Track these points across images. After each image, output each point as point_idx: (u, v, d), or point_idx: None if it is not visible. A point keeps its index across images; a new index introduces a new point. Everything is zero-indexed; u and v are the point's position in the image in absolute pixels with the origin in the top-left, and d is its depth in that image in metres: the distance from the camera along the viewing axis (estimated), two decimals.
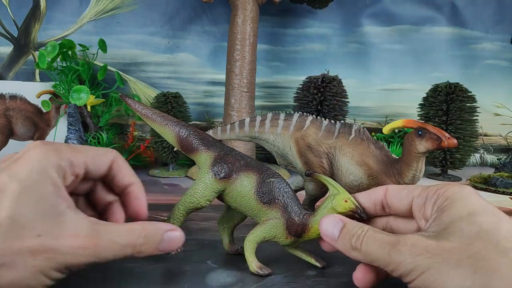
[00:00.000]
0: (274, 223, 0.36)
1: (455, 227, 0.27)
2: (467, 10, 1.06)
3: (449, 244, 0.26)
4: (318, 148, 0.47)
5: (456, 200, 0.29)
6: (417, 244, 0.27)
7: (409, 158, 0.44)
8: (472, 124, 0.84)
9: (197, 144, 0.40)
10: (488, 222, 0.26)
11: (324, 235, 0.33)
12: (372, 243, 0.29)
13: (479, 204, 0.28)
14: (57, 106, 0.89)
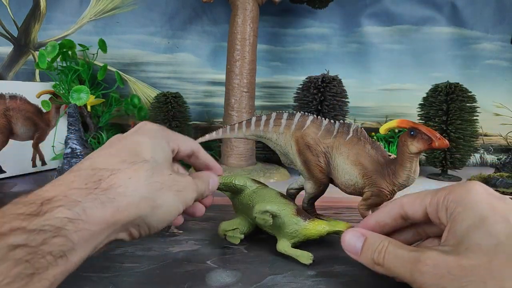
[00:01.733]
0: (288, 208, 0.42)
1: (471, 241, 0.27)
2: (467, 10, 1.06)
3: (469, 262, 0.26)
4: (316, 147, 0.48)
5: (465, 205, 0.29)
6: (438, 264, 0.27)
7: (403, 158, 0.44)
8: (472, 124, 0.84)
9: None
10: (502, 232, 0.26)
11: (347, 250, 0.34)
12: (393, 260, 0.30)
13: (488, 207, 0.28)
14: (57, 106, 0.89)
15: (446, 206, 0.30)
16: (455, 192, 0.30)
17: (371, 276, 0.37)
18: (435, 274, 0.26)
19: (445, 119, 0.84)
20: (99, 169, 0.30)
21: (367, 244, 0.32)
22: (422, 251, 0.29)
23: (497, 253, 0.25)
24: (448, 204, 0.30)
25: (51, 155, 0.88)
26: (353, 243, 0.33)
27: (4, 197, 0.67)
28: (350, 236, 0.34)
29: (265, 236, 0.47)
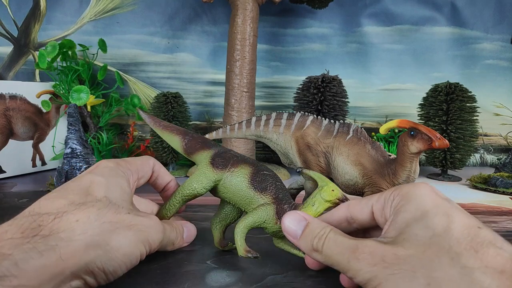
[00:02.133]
0: (264, 208, 0.38)
1: (410, 232, 0.27)
2: (467, 10, 1.06)
3: (404, 252, 0.26)
4: (316, 147, 0.48)
5: (409, 199, 0.29)
6: (375, 252, 0.27)
7: (403, 158, 0.44)
8: (472, 124, 0.84)
9: (198, 146, 0.44)
10: (440, 225, 0.26)
11: (286, 232, 0.32)
12: (333, 247, 0.29)
13: (432, 202, 0.28)
14: (57, 106, 0.89)
15: (391, 201, 0.30)
16: (402, 188, 0.31)
17: None
18: (370, 261, 0.26)
19: (445, 119, 0.84)
20: (40, 214, 0.27)
21: (309, 229, 0.31)
22: (362, 240, 0.28)
23: (431, 245, 0.25)
24: (393, 198, 0.30)
25: (51, 155, 0.88)
26: (294, 226, 0.32)
27: (4, 197, 0.67)
28: (291, 218, 0.32)
29: (265, 236, 0.47)
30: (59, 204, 0.28)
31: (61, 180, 0.68)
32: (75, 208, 0.28)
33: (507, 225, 0.55)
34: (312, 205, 0.37)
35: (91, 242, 0.27)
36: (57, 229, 0.26)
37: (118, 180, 0.34)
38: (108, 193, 0.31)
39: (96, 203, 0.30)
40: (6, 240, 0.24)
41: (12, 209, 0.59)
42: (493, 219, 0.58)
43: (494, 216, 0.60)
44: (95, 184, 0.32)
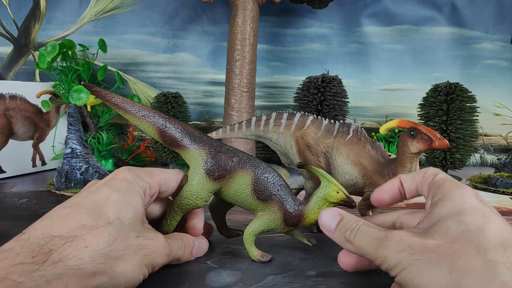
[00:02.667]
0: (272, 218, 0.38)
1: (442, 225, 0.28)
2: (467, 10, 1.06)
3: (432, 242, 0.27)
4: (316, 147, 0.48)
5: (449, 197, 0.30)
6: (403, 240, 0.28)
7: (403, 158, 0.44)
8: (472, 124, 0.84)
9: (181, 138, 0.39)
10: (474, 222, 0.27)
11: (322, 227, 0.35)
12: (363, 237, 0.30)
13: (471, 203, 0.28)
14: (57, 106, 0.89)
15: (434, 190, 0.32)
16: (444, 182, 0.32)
17: (371, 276, 0.37)
18: (396, 248, 0.27)
19: (445, 119, 0.84)
20: (52, 236, 0.27)
21: (342, 223, 0.33)
22: (392, 231, 0.30)
23: (461, 238, 0.26)
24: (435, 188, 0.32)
25: (51, 155, 0.88)
26: (329, 221, 0.34)
27: (4, 197, 0.67)
28: (327, 214, 0.35)
29: (266, 236, 0.47)
30: (71, 225, 0.28)
31: (61, 180, 0.68)
32: (86, 233, 0.28)
33: None
34: (317, 208, 0.38)
35: (97, 270, 0.28)
36: (67, 255, 0.26)
37: (133, 198, 0.33)
38: (121, 214, 0.31)
39: (107, 228, 0.30)
40: (17, 265, 0.25)
41: (12, 209, 0.59)
42: None
43: None
44: (110, 201, 0.31)
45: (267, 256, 0.39)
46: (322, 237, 0.43)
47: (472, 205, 0.28)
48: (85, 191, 0.33)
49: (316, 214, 0.37)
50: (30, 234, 0.27)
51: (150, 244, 0.33)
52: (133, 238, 0.31)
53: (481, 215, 0.27)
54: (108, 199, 0.31)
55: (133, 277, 0.31)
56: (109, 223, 0.30)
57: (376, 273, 0.37)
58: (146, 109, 0.39)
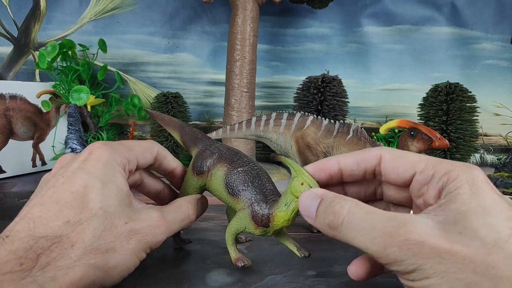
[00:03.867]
0: (241, 215, 0.35)
1: (469, 227, 0.24)
2: (467, 10, 1.06)
3: (463, 249, 0.23)
4: (316, 147, 0.48)
5: (469, 191, 0.25)
6: (424, 242, 0.23)
7: None
8: (472, 124, 0.84)
9: (188, 141, 0.43)
10: (505, 229, 0.23)
11: (304, 215, 0.29)
12: (357, 227, 0.25)
13: (494, 200, 0.25)
14: (57, 106, 0.89)
15: (443, 183, 0.27)
16: (458, 172, 0.26)
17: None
18: (416, 252, 0.23)
19: (445, 119, 0.84)
20: (38, 238, 0.26)
21: (322, 206, 0.27)
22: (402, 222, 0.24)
23: (497, 249, 0.23)
24: (447, 182, 0.26)
25: (51, 155, 0.88)
26: (308, 206, 0.28)
27: (4, 197, 0.67)
28: (304, 197, 0.29)
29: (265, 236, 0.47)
30: (54, 224, 0.27)
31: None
32: (71, 230, 0.27)
33: None
34: (285, 205, 0.32)
35: (89, 267, 0.27)
36: (55, 258, 0.26)
37: (114, 179, 0.31)
38: (104, 202, 0.29)
39: (91, 221, 0.28)
40: (6, 274, 0.24)
41: (12, 209, 0.59)
42: None
43: None
44: (89, 190, 0.29)
45: (243, 261, 0.35)
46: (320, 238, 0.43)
47: (495, 201, 0.25)
48: (60, 176, 0.30)
49: (284, 213, 0.32)
50: (14, 237, 0.26)
51: (142, 227, 0.31)
52: (122, 225, 0.29)
53: (506, 217, 0.24)
54: (87, 188, 0.29)
55: (128, 266, 0.30)
56: (92, 215, 0.28)
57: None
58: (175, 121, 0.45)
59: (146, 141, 0.38)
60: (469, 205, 0.24)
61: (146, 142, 0.38)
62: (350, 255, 0.42)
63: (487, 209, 0.24)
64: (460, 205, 0.25)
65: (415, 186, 0.29)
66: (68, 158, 0.33)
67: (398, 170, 0.29)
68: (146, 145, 0.37)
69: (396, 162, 0.30)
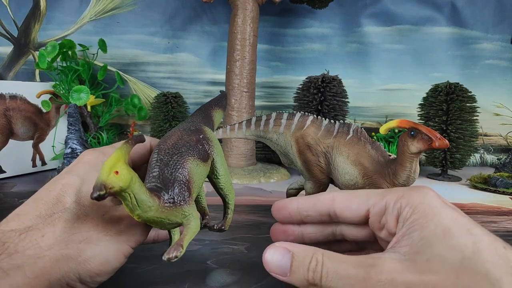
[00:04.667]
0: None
1: (434, 253, 0.24)
2: (467, 10, 1.06)
3: (433, 278, 0.23)
4: (316, 147, 0.48)
5: (424, 216, 0.26)
6: (396, 279, 0.23)
7: (403, 158, 0.44)
8: (472, 124, 0.84)
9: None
10: (468, 246, 0.24)
11: (272, 272, 0.27)
12: (335, 279, 0.25)
13: (452, 219, 0.25)
14: (57, 106, 0.89)
15: (398, 211, 0.27)
16: (409, 196, 0.27)
17: None
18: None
19: (445, 119, 0.84)
20: (5, 231, 0.26)
21: (296, 262, 0.26)
22: (371, 264, 0.25)
23: (464, 269, 0.23)
24: (401, 208, 0.27)
25: (51, 155, 0.88)
26: (278, 262, 0.27)
27: (4, 197, 0.67)
28: (272, 253, 0.27)
29: (266, 236, 0.47)
30: (25, 218, 0.27)
31: None
32: (41, 222, 0.27)
33: (507, 225, 0.55)
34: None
35: (60, 257, 0.26)
36: (23, 246, 0.25)
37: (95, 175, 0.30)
38: (80, 196, 0.29)
39: (63, 213, 0.28)
40: None
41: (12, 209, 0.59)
42: (493, 219, 0.58)
43: (494, 216, 0.60)
44: (66, 187, 0.29)
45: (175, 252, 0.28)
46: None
47: (451, 218, 0.25)
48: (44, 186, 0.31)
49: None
50: None
51: (122, 218, 0.29)
52: (98, 217, 0.29)
53: (468, 233, 0.24)
54: (65, 186, 0.30)
55: (109, 259, 0.28)
56: (65, 208, 0.28)
57: None
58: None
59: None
60: (429, 229, 0.25)
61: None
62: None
63: (446, 229, 0.25)
64: (420, 231, 0.25)
65: (374, 220, 0.29)
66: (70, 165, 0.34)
67: (352, 208, 0.30)
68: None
69: (348, 201, 0.31)
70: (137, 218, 0.26)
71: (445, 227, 0.25)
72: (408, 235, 0.26)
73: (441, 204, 0.26)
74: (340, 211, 0.31)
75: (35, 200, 0.29)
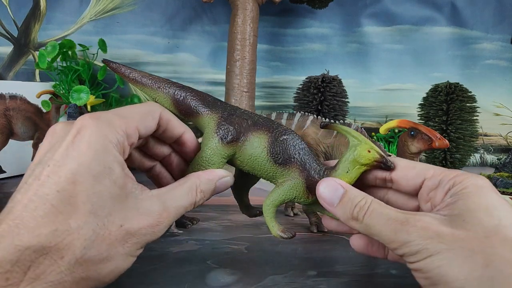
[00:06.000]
0: (293, 184, 0.33)
1: (473, 216, 0.26)
2: (467, 10, 1.06)
3: (465, 232, 0.25)
4: (316, 147, 0.48)
5: (474, 191, 0.28)
6: (429, 227, 0.26)
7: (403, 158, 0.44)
8: (472, 124, 0.84)
9: (196, 106, 0.36)
10: (507, 218, 0.26)
11: (321, 199, 0.31)
12: (376, 218, 0.28)
13: (498, 199, 0.27)
14: (57, 106, 0.89)
15: (450, 186, 0.29)
16: (464, 177, 0.29)
17: (372, 276, 0.37)
18: (422, 235, 0.26)
19: (445, 119, 0.84)
20: (23, 248, 0.23)
21: (347, 197, 0.30)
22: (412, 213, 0.27)
23: (496, 232, 0.25)
24: (453, 185, 0.29)
25: None
26: (330, 193, 0.30)
27: (4, 197, 0.67)
28: (326, 184, 0.31)
29: (266, 236, 0.47)
30: (40, 232, 0.24)
31: None
32: (60, 241, 0.24)
33: None
34: (346, 172, 0.32)
35: (80, 279, 0.25)
36: (44, 271, 0.24)
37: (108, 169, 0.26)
38: (96, 202, 0.25)
39: (82, 229, 0.25)
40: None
41: None
42: None
43: None
44: (78, 189, 0.25)
45: (290, 233, 0.33)
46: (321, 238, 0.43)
47: (499, 200, 0.27)
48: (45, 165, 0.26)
49: (345, 179, 0.32)
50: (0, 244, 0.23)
51: (140, 228, 0.27)
52: (116, 230, 0.26)
53: (509, 210, 0.26)
54: (76, 185, 0.25)
55: (124, 268, 0.28)
56: (82, 223, 0.25)
57: (378, 273, 0.37)
58: (163, 80, 0.38)
59: (146, 104, 0.33)
60: (474, 202, 0.27)
61: (146, 105, 0.32)
62: (350, 255, 0.42)
63: (490, 204, 0.26)
64: (465, 202, 0.27)
65: (424, 191, 0.31)
66: (58, 132, 0.28)
67: (408, 177, 0.32)
68: (146, 109, 0.32)
69: (406, 169, 0.32)
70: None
71: (489, 202, 0.27)
72: (452, 203, 0.28)
73: (491, 188, 0.28)
74: (397, 178, 0.32)
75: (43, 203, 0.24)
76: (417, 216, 0.27)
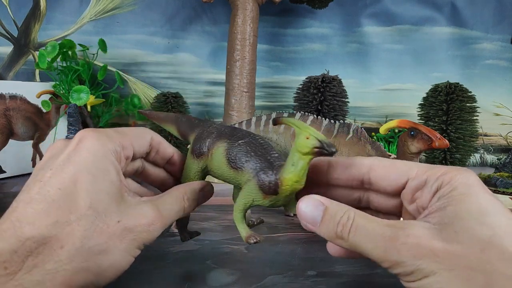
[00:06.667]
0: (248, 187, 0.33)
1: (465, 226, 0.24)
2: (467, 10, 1.06)
3: (459, 248, 0.23)
4: None
5: (464, 193, 0.26)
6: (421, 243, 0.24)
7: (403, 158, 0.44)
8: (472, 124, 0.84)
9: (187, 130, 0.41)
10: (501, 226, 0.24)
11: (303, 220, 0.29)
12: (362, 235, 0.26)
13: (490, 201, 0.25)
14: (57, 106, 0.89)
15: (437, 187, 0.27)
16: (452, 175, 0.27)
17: (371, 276, 0.37)
18: (415, 254, 0.24)
19: (445, 119, 0.84)
20: (24, 239, 0.24)
21: (329, 214, 0.27)
22: (400, 225, 0.25)
23: (491, 245, 0.23)
24: (441, 185, 0.27)
25: None
26: (310, 212, 0.28)
27: (4, 197, 0.67)
28: (306, 204, 0.28)
29: (265, 236, 0.47)
30: (42, 223, 0.25)
31: None
32: (59, 231, 0.25)
33: None
34: (292, 165, 0.30)
35: (80, 270, 0.26)
36: (42, 260, 0.24)
37: (106, 171, 0.29)
38: (95, 198, 0.27)
39: (81, 221, 0.26)
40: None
41: None
42: None
43: None
44: (79, 186, 0.27)
45: (256, 238, 0.32)
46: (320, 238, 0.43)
47: (491, 202, 0.25)
48: (48, 169, 0.28)
49: (292, 174, 0.30)
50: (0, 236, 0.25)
51: (136, 225, 0.29)
52: (114, 224, 0.28)
53: (504, 217, 0.24)
54: (76, 184, 0.27)
55: (123, 265, 0.28)
56: (82, 215, 0.26)
57: (377, 273, 0.37)
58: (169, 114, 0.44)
59: (139, 128, 0.36)
60: (465, 206, 0.25)
61: (139, 128, 0.36)
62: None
63: (482, 209, 0.25)
64: (455, 206, 0.25)
65: (408, 192, 0.29)
66: (58, 145, 0.31)
67: (390, 178, 0.30)
68: (140, 131, 0.35)
69: (387, 169, 0.30)
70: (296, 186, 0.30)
71: (480, 206, 0.25)
72: (441, 208, 0.26)
73: (481, 187, 0.26)
74: (376, 179, 0.30)
75: (44, 200, 0.26)
76: (407, 229, 0.25)
